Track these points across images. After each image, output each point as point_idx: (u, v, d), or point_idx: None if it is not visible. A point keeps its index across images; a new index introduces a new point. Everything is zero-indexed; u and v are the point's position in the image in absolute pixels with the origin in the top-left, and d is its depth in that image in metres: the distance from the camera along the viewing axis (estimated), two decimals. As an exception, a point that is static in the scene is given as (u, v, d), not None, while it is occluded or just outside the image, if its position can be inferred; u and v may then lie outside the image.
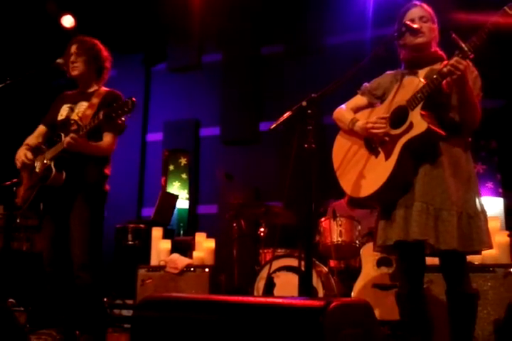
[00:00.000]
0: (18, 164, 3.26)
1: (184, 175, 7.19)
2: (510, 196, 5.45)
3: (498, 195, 5.45)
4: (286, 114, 2.47)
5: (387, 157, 2.49)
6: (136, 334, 2.00)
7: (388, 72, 2.79)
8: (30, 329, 4.08)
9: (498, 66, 5.19)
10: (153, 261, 4.83)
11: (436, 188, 2.43)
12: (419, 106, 2.41)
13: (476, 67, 2.58)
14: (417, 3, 2.69)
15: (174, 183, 7.17)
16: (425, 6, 2.67)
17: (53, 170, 3.08)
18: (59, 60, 3.32)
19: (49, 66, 3.33)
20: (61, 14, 6.62)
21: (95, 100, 3.22)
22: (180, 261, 4.64)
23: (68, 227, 3.15)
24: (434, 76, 2.40)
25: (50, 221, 3.23)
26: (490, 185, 5.46)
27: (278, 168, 6.08)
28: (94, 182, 3.20)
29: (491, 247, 2.45)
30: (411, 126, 2.42)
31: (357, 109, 2.79)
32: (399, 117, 2.49)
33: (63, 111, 3.30)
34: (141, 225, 5.67)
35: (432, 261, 2.70)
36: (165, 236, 5.03)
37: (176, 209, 6.55)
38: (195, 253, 4.74)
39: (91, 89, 3.34)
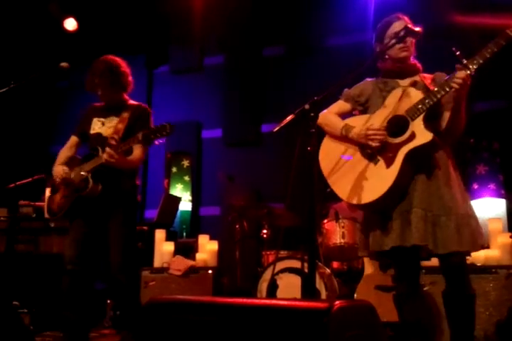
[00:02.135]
0: (58, 180, 3.36)
1: (187, 177, 7.19)
2: (512, 197, 5.44)
3: (500, 196, 5.44)
4: (289, 117, 2.49)
5: (389, 165, 2.52)
6: (141, 336, 2.01)
7: (368, 80, 2.81)
8: (34, 331, 4.09)
9: (500, 67, 5.18)
10: (157, 263, 4.83)
11: (433, 195, 2.48)
12: (421, 116, 2.46)
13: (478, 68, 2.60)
14: (400, 16, 2.69)
15: (177, 185, 7.17)
16: (407, 19, 2.68)
17: (91, 181, 3.22)
18: (63, 64, 3.34)
19: (53, 69, 3.36)
20: (64, 17, 6.63)
21: (125, 114, 3.39)
22: (183, 263, 4.65)
23: (101, 234, 3.30)
24: (436, 89, 2.45)
25: (81, 225, 3.33)
26: (492, 186, 5.45)
27: (280, 169, 6.08)
28: (128, 193, 3.38)
29: (487, 247, 2.49)
30: (413, 136, 2.46)
31: (341, 115, 2.80)
32: (396, 126, 2.53)
33: (95, 125, 3.44)
34: (144, 227, 5.66)
35: (434, 262, 2.71)
36: (168, 238, 5.04)
37: (178, 211, 6.54)
38: (198, 255, 4.74)
39: (119, 103, 3.46)
